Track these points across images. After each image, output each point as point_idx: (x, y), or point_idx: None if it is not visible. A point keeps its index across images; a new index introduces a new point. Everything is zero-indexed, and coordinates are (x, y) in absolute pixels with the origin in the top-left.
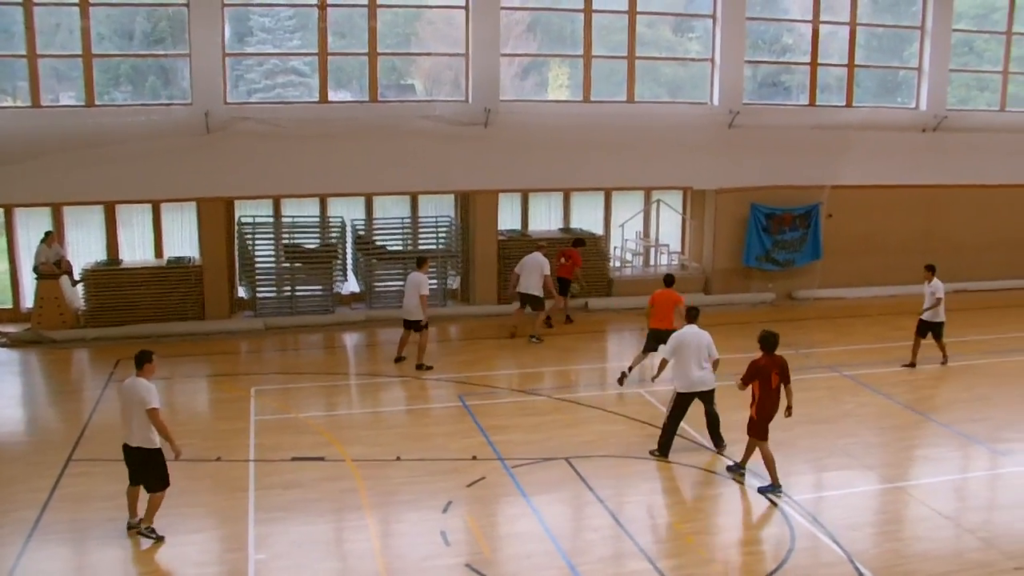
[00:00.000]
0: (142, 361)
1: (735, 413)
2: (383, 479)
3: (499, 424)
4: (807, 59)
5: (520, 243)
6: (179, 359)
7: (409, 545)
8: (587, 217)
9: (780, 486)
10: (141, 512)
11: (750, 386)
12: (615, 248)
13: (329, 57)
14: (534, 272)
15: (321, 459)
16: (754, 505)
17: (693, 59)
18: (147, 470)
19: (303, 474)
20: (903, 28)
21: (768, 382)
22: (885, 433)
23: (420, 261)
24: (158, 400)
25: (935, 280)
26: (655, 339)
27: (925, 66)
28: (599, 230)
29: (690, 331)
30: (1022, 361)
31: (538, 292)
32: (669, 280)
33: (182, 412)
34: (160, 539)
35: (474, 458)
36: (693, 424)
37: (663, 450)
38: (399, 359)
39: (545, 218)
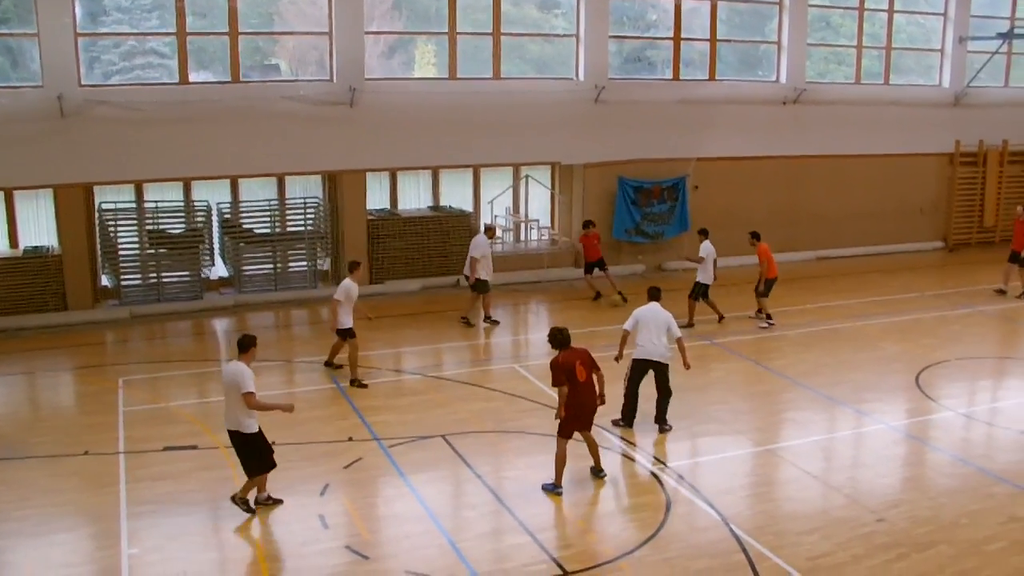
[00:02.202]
0: (246, 345)
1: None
2: None
3: (374, 405)
4: (671, 34)
5: (389, 222)
6: (41, 352)
7: (287, 531)
8: (457, 195)
9: (561, 487)
10: (268, 489)
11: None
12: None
13: (189, 37)
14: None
15: (194, 448)
16: (630, 474)
17: (558, 35)
18: (243, 454)
19: (176, 465)
20: (763, 3)
21: (575, 377)
22: (755, 398)
23: (352, 266)
24: (254, 384)
25: (705, 242)
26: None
27: (784, 41)
28: (469, 207)
29: (649, 308)
30: (882, 324)
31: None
32: (757, 235)
33: (45, 407)
34: (253, 511)
35: (350, 439)
36: None
37: (627, 419)
38: (328, 364)
39: (415, 197)
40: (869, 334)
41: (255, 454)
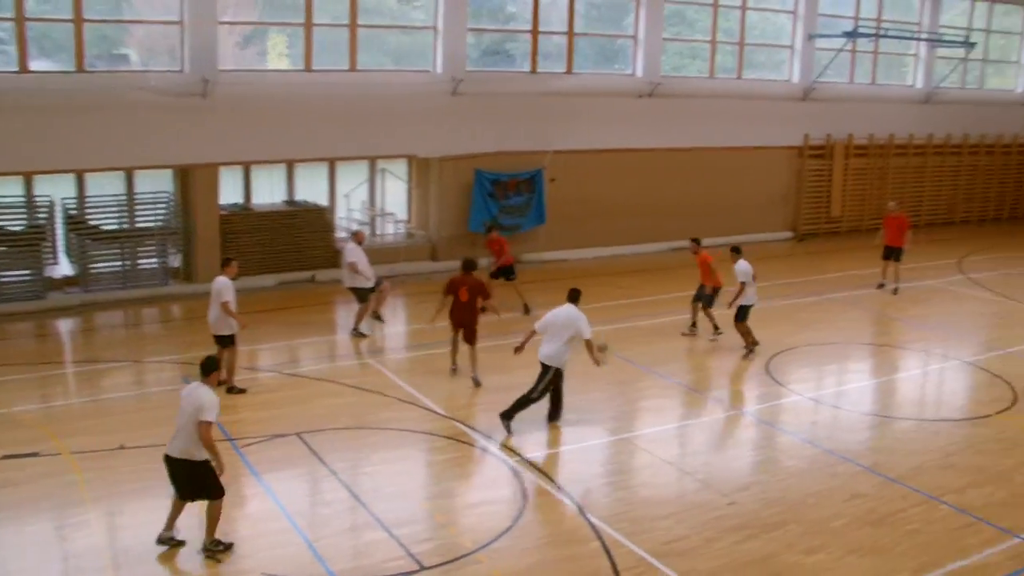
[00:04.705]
0: (209, 369)
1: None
2: (106, 470)
3: (228, 404)
4: (529, 27)
5: (243, 217)
6: None
7: (137, 536)
8: (312, 188)
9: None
10: (177, 526)
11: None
12: (341, 219)
13: (28, 23)
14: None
15: (35, 455)
16: (487, 467)
17: (416, 27)
18: (200, 481)
19: (16, 472)
20: None
21: (458, 296)
22: (611, 388)
23: (224, 262)
24: (215, 415)
25: (740, 262)
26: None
27: (641, 35)
28: (324, 201)
29: (559, 311)
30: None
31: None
32: (698, 241)
33: None
34: (230, 546)
35: None
36: (427, 392)
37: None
38: (230, 389)
39: (269, 191)
40: (721, 323)
41: (212, 478)
